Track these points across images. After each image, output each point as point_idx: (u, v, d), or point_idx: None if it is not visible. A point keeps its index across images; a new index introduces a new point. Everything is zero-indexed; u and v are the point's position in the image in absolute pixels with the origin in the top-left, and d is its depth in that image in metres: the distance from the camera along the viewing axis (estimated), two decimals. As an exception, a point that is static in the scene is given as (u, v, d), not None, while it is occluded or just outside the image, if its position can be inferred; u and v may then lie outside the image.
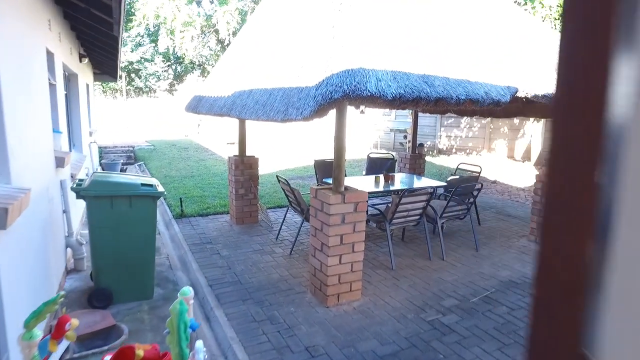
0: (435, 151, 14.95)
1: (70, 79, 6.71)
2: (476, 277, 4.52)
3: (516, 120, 13.40)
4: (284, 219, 6.03)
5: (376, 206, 5.95)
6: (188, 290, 2.05)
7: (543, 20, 7.91)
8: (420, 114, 14.73)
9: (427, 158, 13.52)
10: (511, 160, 13.13)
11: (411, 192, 4.65)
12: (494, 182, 9.86)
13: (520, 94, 3.75)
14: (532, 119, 12.48)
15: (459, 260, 4.99)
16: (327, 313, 3.70)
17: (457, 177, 6.60)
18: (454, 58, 3.48)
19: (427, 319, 3.62)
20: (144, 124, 21.38)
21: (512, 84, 3.61)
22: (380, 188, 5.62)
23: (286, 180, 5.19)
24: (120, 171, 11.34)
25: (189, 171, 11.34)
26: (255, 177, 6.49)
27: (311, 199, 3.89)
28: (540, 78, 4.02)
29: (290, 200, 5.42)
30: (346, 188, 3.81)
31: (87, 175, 7.70)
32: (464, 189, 5.18)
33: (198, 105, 5.95)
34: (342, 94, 2.55)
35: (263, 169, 11.79)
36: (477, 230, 6.11)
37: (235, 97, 4.55)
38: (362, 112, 7.38)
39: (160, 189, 3.81)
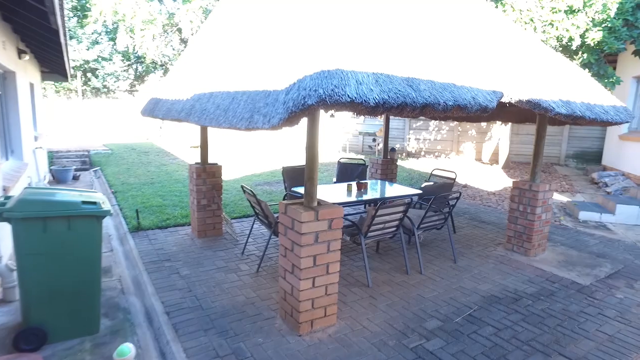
0: (404, 154, 14.85)
1: (5, 77, 6.00)
2: (457, 293, 4.25)
3: (483, 124, 13.48)
4: (250, 231, 5.59)
5: (349, 217, 5.62)
6: (127, 349, 1.61)
7: (515, 22, 7.86)
8: (391, 117, 14.61)
9: (397, 161, 13.39)
10: (479, 163, 13.19)
11: (387, 202, 4.34)
12: (465, 186, 9.78)
13: (504, 99, 3.49)
14: (499, 122, 12.56)
15: (437, 274, 4.72)
16: (299, 343, 3.30)
17: (432, 183, 6.37)
18: (436, 60, 3.18)
19: (410, 346, 3.30)
20: (102, 127, 20.26)
21: (496, 88, 3.35)
22: (353, 197, 5.28)
23: (252, 191, 4.76)
24: (73, 178, 10.51)
25: (148, 177, 10.65)
26: (219, 186, 6.01)
27: (280, 215, 3.50)
28: (523, 82, 3.79)
29: (257, 212, 5.00)
30: (319, 202, 3.43)
31: (29, 184, 6.96)
32: (441, 198, 4.92)
33: (155, 109, 5.41)
34: (317, 100, 2.18)
35: (229, 175, 11.29)
36: (453, 238, 5.89)
37: (194, 101, 4.09)
38: (332, 115, 7.03)
39: (106, 206, 3.30)
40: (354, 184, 5.69)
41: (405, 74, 2.71)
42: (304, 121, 3.04)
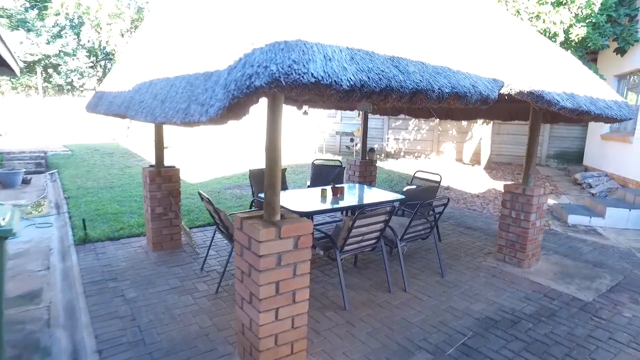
0: (383, 155, 14.35)
1: None
2: (447, 315, 3.69)
3: (464, 123, 13.10)
4: (211, 243, 4.91)
5: (324, 227, 5.01)
6: None
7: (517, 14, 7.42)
8: (369, 115, 14.08)
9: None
10: (460, 164, 12.80)
11: (366, 212, 3.74)
12: (447, 188, 9.31)
13: (503, 90, 2.94)
14: (480, 121, 12.19)
15: (424, 291, 4.15)
16: (259, 391, 2.66)
17: (415, 187, 5.82)
18: (428, 42, 2.59)
19: (394, 391, 2.70)
20: (65, 126, 19.04)
21: (496, 77, 2.79)
22: (328, 204, 4.67)
23: (209, 199, 4.09)
24: (23, 182, 9.54)
25: (108, 181, 9.78)
26: (177, 192, 5.30)
27: (235, 231, 2.85)
28: (523, 73, 3.25)
29: (217, 221, 4.33)
30: (283, 216, 2.80)
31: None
32: (427, 205, 4.36)
33: (98, 104, 4.67)
34: (268, 79, 1.55)
35: (197, 177, 10.48)
36: (440, 248, 5.35)
37: (134, 92, 3.40)
38: (305, 112, 6.42)
39: (10, 223, 2.57)
40: (329, 189, 5.07)
41: (390, 53, 2.10)
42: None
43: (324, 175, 6.62)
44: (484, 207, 7.79)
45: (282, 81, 1.55)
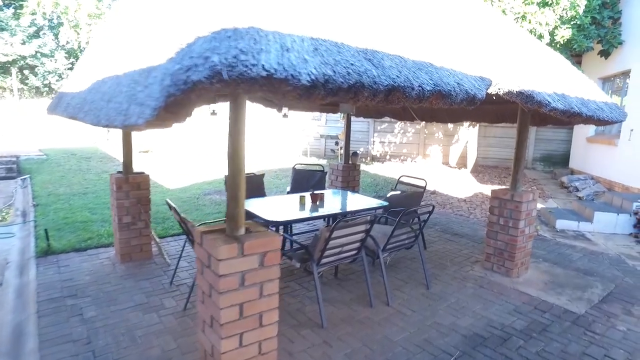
0: (368, 158, 14.13)
1: None
2: (433, 332, 3.43)
3: (450, 126, 12.96)
4: (181, 254, 4.59)
5: (303, 236, 4.75)
6: None
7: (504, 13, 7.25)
8: (353, 118, 13.85)
9: (361, 166, 12.62)
10: (446, 167, 12.64)
11: (344, 221, 3.47)
12: (433, 192, 9.10)
13: (490, 90, 2.70)
14: (467, 124, 12.06)
15: (407, 305, 3.89)
16: None
17: (399, 192, 5.57)
18: (410, 33, 2.33)
19: None
20: (42, 129, 18.41)
21: (484, 75, 2.54)
22: (306, 212, 4.39)
23: (175, 208, 3.77)
24: (-10, 188, 9.05)
25: (83, 187, 9.36)
26: (146, 200, 4.97)
27: (196, 246, 2.55)
28: (513, 72, 3.02)
29: (186, 232, 4.01)
30: (249, 229, 2.51)
31: None
32: (412, 213, 4.10)
33: (58, 105, 4.32)
34: (208, 72, 1.28)
35: (176, 183, 10.06)
36: (425, 256, 5.10)
37: (88, 92, 3.08)
38: (285, 115, 6.13)
39: None
40: (307, 196, 4.79)
41: (364, 45, 1.83)
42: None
43: (305, 180, 6.34)
44: (471, 212, 7.59)
45: (225, 74, 1.27)
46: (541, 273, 4.71)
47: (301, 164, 6.56)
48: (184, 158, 14.11)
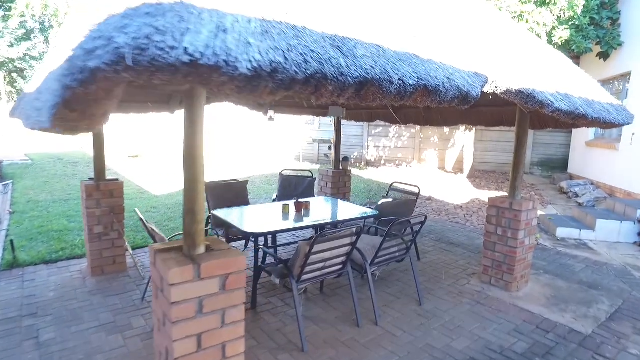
0: (363, 163, 13.82)
1: None
2: (425, 357, 3.09)
3: (446, 129, 12.68)
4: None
5: (288, 248, 4.44)
6: None
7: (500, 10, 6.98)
8: (344, 121, 13.51)
9: (355, 171, 12.31)
10: (442, 172, 12.34)
11: (326, 234, 3.15)
12: (429, 198, 8.78)
13: (487, 88, 2.39)
14: (462, 128, 11.77)
15: (398, 324, 3.56)
16: None
17: (390, 200, 5.25)
18: (393, 21, 2.02)
19: None
20: (30, 134, 18.01)
21: (479, 71, 2.23)
22: (290, 222, 4.06)
23: (143, 219, 3.45)
24: (-33, 195, 8.68)
25: (65, 193, 9.00)
26: (119, 209, 4.63)
27: (151, 266, 2.22)
28: (512, 70, 2.71)
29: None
30: (210, 247, 2.18)
31: None
32: (402, 224, 3.78)
33: (17, 107, 3.98)
34: (111, 58, 0.98)
35: (163, 189, 9.66)
36: (418, 268, 4.77)
37: (35, 90, 2.74)
38: (270, 118, 5.82)
39: None
40: (291, 204, 4.47)
41: (333, 31, 1.52)
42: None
43: (293, 187, 6.02)
44: (468, 219, 7.27)
45: (129, 60, 0.95)
46: (542, 287, 4.39)
47: (289, 170, 6.24)
48: (174, 163, 13.75)
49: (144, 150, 15.75)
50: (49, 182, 10.28)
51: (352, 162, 13.90)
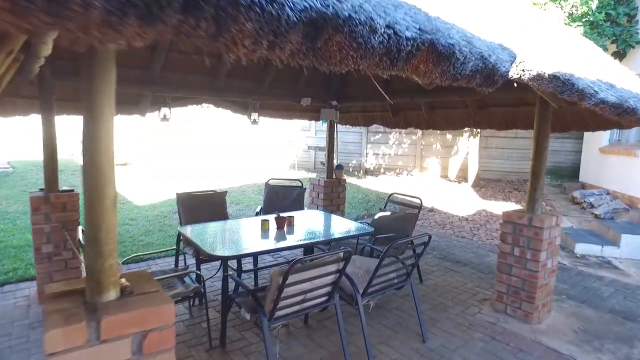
0: (361, 171, 13.18)
1: None
2: (429, 418, 2.43)
3: (449, 136, 12.06)
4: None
5: (269, 269, 3.82)
6: None
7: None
8: (342, 128, 12.88)
9: (353, 180, 11.68)
10: (445, 181, 11.69)
11: (305, 261, 2.51)
12: (431, 209, 8.13)
13: (513, 72, 1.76)
14: (466, 134, 11.15)
15: (396, 370, 2.89)
16: None
17: (389, 213, 4.60)
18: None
19: None
20: (18, 140, 17.43)
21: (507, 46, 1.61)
22: (270, 241, 3.42)
23: (80, 240, 2.80)
24: None
25: (40, 203, 8.33)
26: (74, 224, 3.99)
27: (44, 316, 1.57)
28: (544, 53, 2.09)
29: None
30: (127, 289, 1.53)
31: None
32: (400, 245, 3.14)
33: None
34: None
35: (148, 198, 8.96)
36: (419, 294, 4.11)
37: None
38: (254, 121, 5.21)
39: None
40: (272, 220, 3.82)
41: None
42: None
43: (281, 198, 5.38)
44: (474, 233, 6.61)
45: None
46: (568, 317, 3.72)
47: (276, 179, 5.60)
48: (164, 171, 13.13)
49: (134, 157, 15.16)
50: (27, 191, 9.63)
51: (350, 170, 13.27)
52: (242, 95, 5.11)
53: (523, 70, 1.89)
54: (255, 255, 4.01)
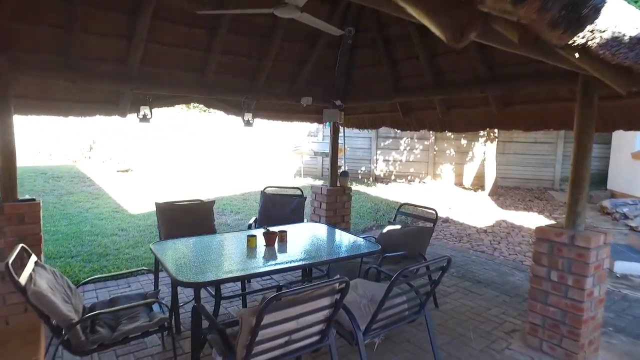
0: (371, 179, 12.56)
1: None
2: None
3: (463, 141, 11.40)
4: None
5: (258, 293, 3.27)
6: None
7: None
8: (350, 132, 12.27)
9: (362, 188, 11.07)
10: (460, 189, 11.01)
11: (288, 294, 1.92)
12: (446, 220, 7.48)
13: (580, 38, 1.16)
14: (482, 139, 10.49)
15: None
16: None
17: (399, 226, 4.00)
18: None
19: None
20: (19, 146, 17.18)
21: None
22: (255, 263, 2.85)
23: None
24: None
25: (31, 212, 7.87)
26: (35, 239, 3.48)
27: None
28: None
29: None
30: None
31: None
32: (416, 261, 2.53)
33: None
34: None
35: (143, 207, 8.29)
36: (435, 322, 3.47)
37: None
38: (248, 122, 4.66)
39: None
40: (259, 235, 3.25)
41: None
42: None
43: (278, 208, 4.81)
44: (495, 247, 5.95)
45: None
46: (620, 357, 3.05)
47: (273, 187, 5.04)
48: (166, 177, 12.69)
49: (136, 164, 14.77)
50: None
51: (359, 177, 12.66)
52: (234, 94, 4.57)
53: (592, 30, 1.29)
54: (241, 280, 3.41)
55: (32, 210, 3.48)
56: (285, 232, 3.32)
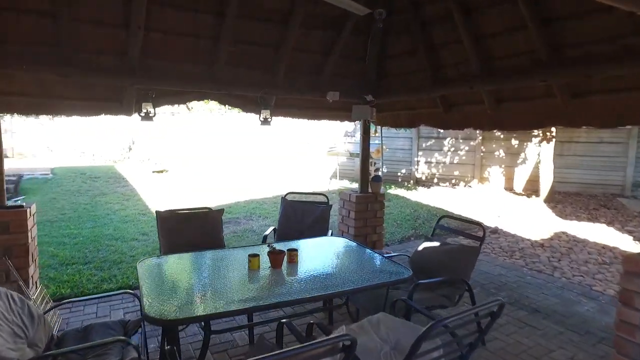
0: (411, 182, 11.74)
1: None
2: None
3: (514, 141, 10.36)
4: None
5: (257, 328, 2.73)
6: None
7: None
8: (389, 132, 11.52)
9: (401, 192, 10.31)
10: (511, 194, 9.99)
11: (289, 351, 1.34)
12: (494, 231, 6.62)
13: None
14: (537, 140, 9.43)
15: None
16: None
17: (437, 244, 3.31)
18: None
19: None
20: (69, 146, 17.73)
21: None
22: (255, 293, 2.30)
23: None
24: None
25: (60, 212, 7.90)
26: (21, 250, 3.14)
27: None
28: None
29: None
30: None
31: None
32: (453, 323, 1.87)
33: None
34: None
35: (172, 208, 8.05)
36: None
37: None
38: (265, 120, 4.13)
39: None
40: (263, 255, 2.70)
41: None
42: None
43: (299, 218, 4.25)
44: (555, 265, 5.07)
45: None
46: None
47: (294, 193, 4.49)
48: (202, 179, 12.52)
49: (173, 164, 14.79)
50: (56, 198, 9.34)
51: (399, 180, 11.89)
52: (250, 89, 4.06)
53: None
54: (213, 319, 2.84)
55: (17, 218, 3.14)
56: (295, 251, 2.75)
